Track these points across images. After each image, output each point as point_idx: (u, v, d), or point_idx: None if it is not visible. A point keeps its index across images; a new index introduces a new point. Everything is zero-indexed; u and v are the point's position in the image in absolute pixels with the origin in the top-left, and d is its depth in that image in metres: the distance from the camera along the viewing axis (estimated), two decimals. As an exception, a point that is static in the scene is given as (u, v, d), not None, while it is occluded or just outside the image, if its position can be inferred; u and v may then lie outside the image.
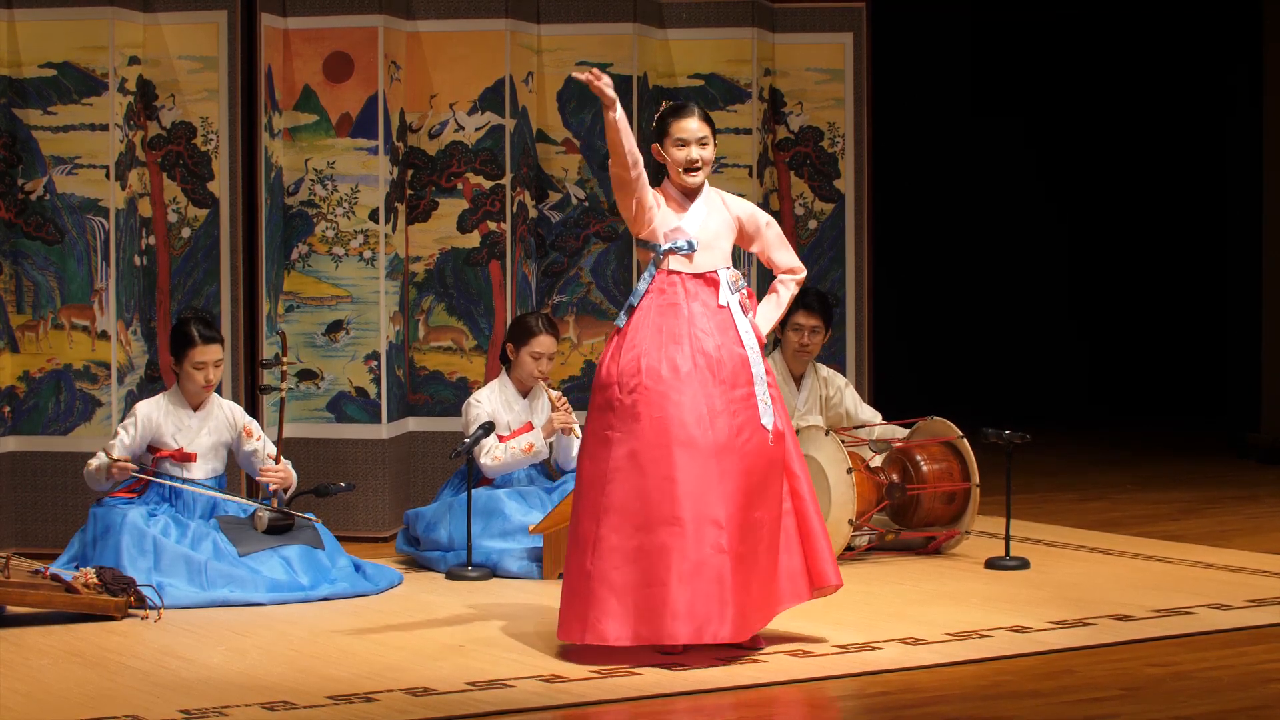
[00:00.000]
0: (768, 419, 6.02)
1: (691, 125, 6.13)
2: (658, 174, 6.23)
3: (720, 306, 6.08)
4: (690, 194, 6.17)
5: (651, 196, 6.10)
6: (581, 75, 6.03)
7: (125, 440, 7.23)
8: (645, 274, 6.13)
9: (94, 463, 7.22)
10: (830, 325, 8.39)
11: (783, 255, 6.32)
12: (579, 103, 8.97)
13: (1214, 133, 13.32)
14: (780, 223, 9.36)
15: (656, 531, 5.88)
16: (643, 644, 5.87)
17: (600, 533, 5.93)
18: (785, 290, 6.32)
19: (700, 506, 5.87)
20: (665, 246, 6.09)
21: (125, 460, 7.18)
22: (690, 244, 6.08)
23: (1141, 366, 14.18)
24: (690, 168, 6.12)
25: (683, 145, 6.12)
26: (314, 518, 7.32)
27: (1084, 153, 14.12)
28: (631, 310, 6.10)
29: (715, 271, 6.12)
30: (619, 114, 5.98)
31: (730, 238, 6.20)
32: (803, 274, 6.37)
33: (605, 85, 5.98)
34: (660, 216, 6.11)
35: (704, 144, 6.13)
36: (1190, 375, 13.81)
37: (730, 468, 5.92)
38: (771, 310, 6.28)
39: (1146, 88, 13.96)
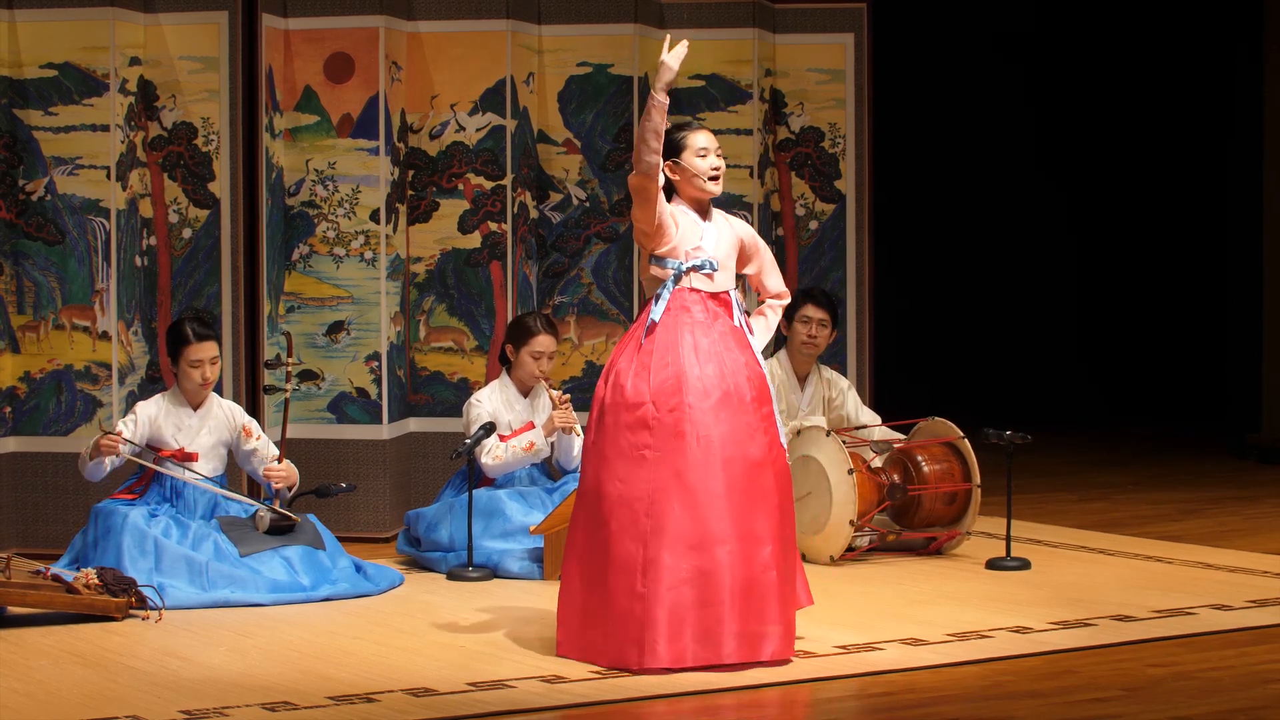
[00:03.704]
0: (784, 437, 6.07)
1: (708, 137, 6.12)
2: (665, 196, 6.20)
3: (736, 326, 6.08)
4: (703, 213, 6.15)
5: (670, 212, 6.08)
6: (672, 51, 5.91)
7: (126, 434, 7.22)
8: (663, 290, 6.07)
9: (84, 449, 7.21)
10: (836, 323, 8.40)
11: (773, 279, 6.34)
12: (580, 103, 8.97)
13: (1214, 134, 13.33)
14: (781, 223, 9.41)
15: (709, 551, 5.82)
16: (700, 665, 5.78)
17: (649, 555, 5.83)
18: (774, 315, 6.33)
19: (747, 524, 5.85)
20: (688, 265, 6.07)
21: (115, 435, 7.13)
22: (712, 263, 6.07)
23: (1142, 367, 14.18)
24: (714, 176, 6.10)
25: (704, 155, 6.11)
26: (317, 520, 7.32)
27: (1085, 154, 14.12)
28: (653, 327, 6.05)
29: (728, 291, 6.13)
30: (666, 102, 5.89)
31: (735, 257, 6.20)
32: (788, 299, 6.41)
33: (675, 60, 5.89)
34: (681, 233, 6.08)
35: (720, 154, 6.14)
36: (1191, 376, 13.82)
37: (769, 484, 5.92)
38: (762, 334, 6.26)
39: (1148, 88, 13.97)
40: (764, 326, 6.28)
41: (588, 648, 5.92)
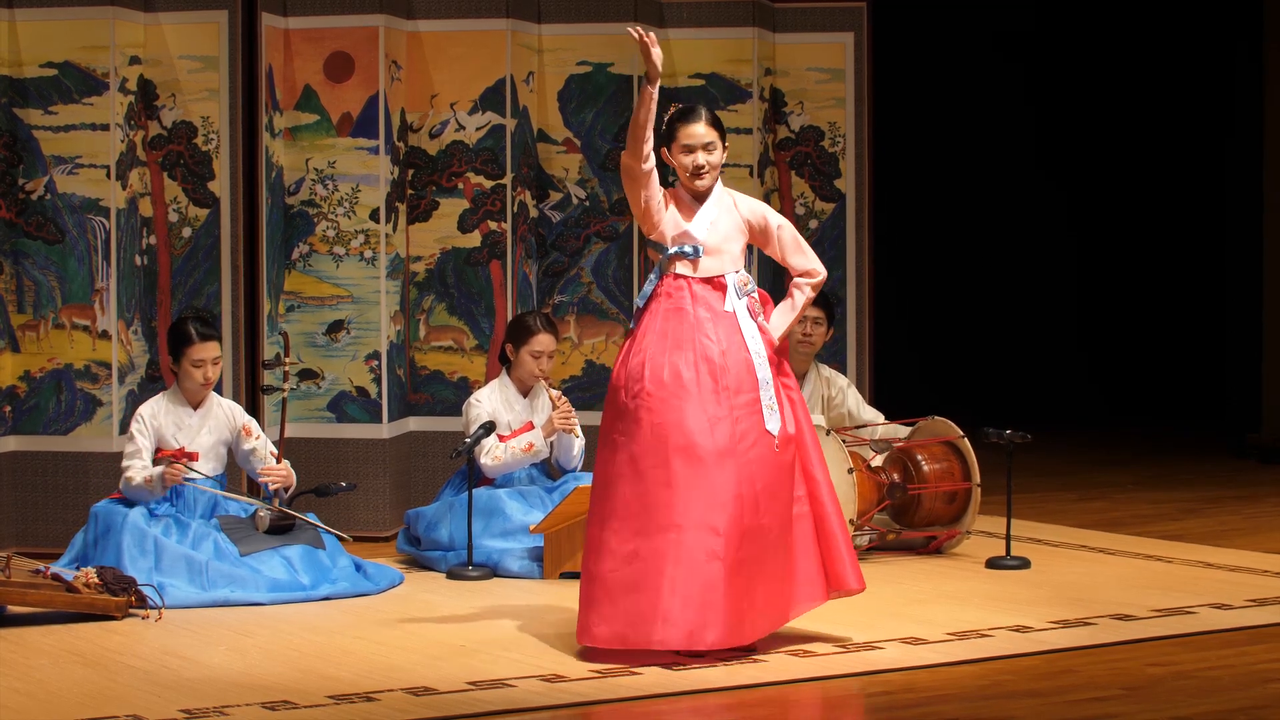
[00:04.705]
0: (773, 424, 6.00)
1: (698, 130, 6.09)
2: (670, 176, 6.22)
3: (726, 312, 6.06)
4: (700, 197, 6.14)
5: (661, 197, 6.08)
6: (635, 32, 5.95)
7: (144, 443, 7.21)
8: (651, 276, 6.12)
9: (137, 476, 7.11)
10: (832, 321, 8.39)
11: (797, 258, 6.24)
12: (579, 102, 8.98)
13: (1215, 134, 13.33)
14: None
15: (653, 537, 5.86)
16: (629, 648, 5.85)
17: (602, 536, 5.94)
18: (800, 294, 6.23)
19: (697, 513, 5.85)
20: (671, 251, 6.08)
21: (178, 465, 7.13)
22: (696, 249, 6.06)
23: (1142, 367, 14.18)
24: (696, 173, 6.10)
25: (689, 151, 6.09)
26: (336, 532, 7.31)
27: (1086, 153, 14.11)
28: (640, 313, 6.09)
29: (723, 276, 6.09)
30: (656, 91, 5.94)
31: (740, 241, 6.16)
32: (820, 276, 6.25)
33: (657, 56, 5.93)
34: (669, 219, 6.08)
35: (710, 149, 6.10)
36: (1191, 376, 13.81)
37: (730, 474, 5.90)
38: (785, 314, 6.21)
39: (1147, 88, 13.96)
40: (788, 307, 6.21)
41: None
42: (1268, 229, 11.44)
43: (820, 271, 6.26)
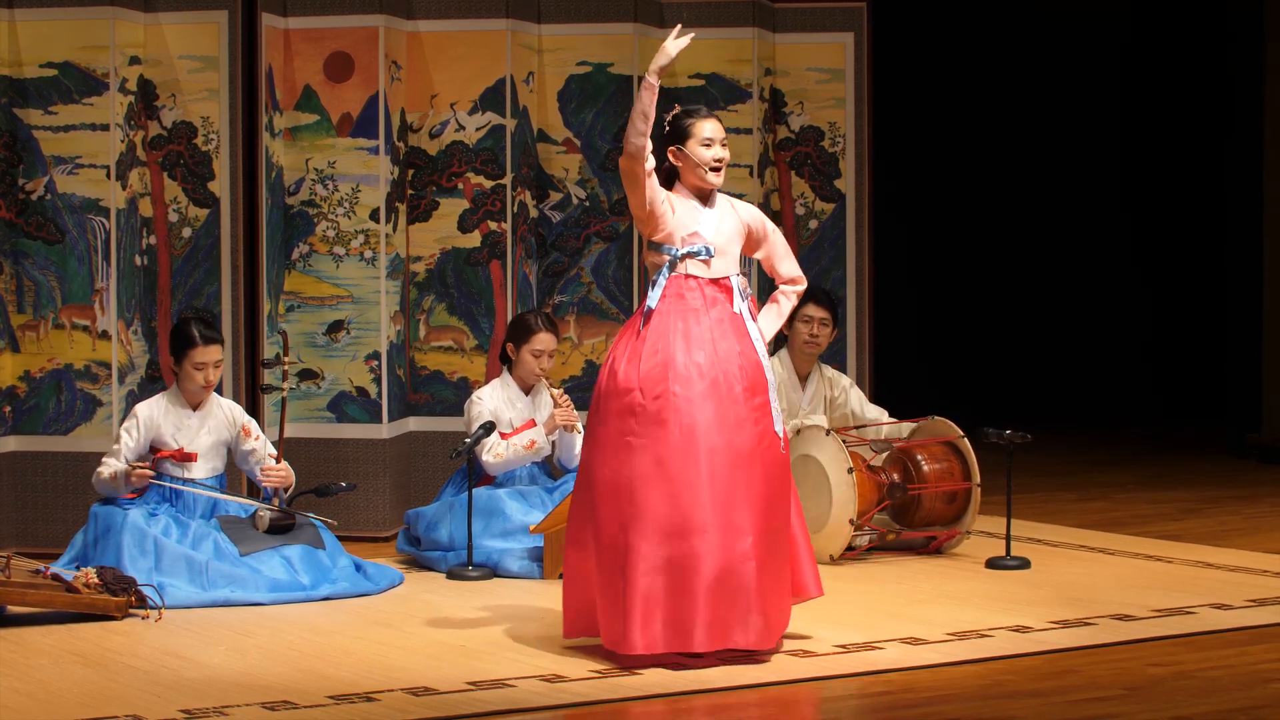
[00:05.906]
0: (779, 426, 6.03)
1: (715, 126, 6.13)
2: (667, 180, 6.19)
3: (736, 313, 6.07)
4: (704, 199, 6.14)
5: (664, 197, 6.09)
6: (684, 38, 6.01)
7: (129, 443, 7.22)
8: (659, 277, 6.07)
9: (106, 471, 7.17)
10: (837, 322, 8.40)
11: (787, 265, 6.32)
12: (579, 103, 8.98)
13: (1214, 133, 13.32)
14: (781, 223, 9.40)
15: (685, 540, 5.83)
16: (672, 651, 5.82)
17: (628, 541, 5.85)
18: (786, 301, 6.32)
19: (728, 514, 5.84)
20: (683, 251, 6.07)
21: (144, 466, 7.14)
22: (708, 249, 6.06)
23: (1142, 367, 14.18)
24: (716, 167, 6.10)
25: (709, 144, 6.11)
26: (324, 520, 7.31)
27: (1085, 153, 14.11)
28: (650, 314, 6.05)
29: (728, 277, 6.11)
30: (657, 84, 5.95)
31: (740, 243, 6.18)
32: (804, 285, 6.40)
33: (670, 51, 5.97)
34: (676, 220, 6.08)
35: (725, 145, 6.14)
36: (1191, 375, 13.81)
37: (754, 475, 5.90)
38: (772, 320, 6.28)
39: (1147, 87, 13.96)
40: (775, 313, 6.28)
41: (587, 628, 6.03)
42: (1268, 229, 11.44)
43: (804, 280, 6.42)
